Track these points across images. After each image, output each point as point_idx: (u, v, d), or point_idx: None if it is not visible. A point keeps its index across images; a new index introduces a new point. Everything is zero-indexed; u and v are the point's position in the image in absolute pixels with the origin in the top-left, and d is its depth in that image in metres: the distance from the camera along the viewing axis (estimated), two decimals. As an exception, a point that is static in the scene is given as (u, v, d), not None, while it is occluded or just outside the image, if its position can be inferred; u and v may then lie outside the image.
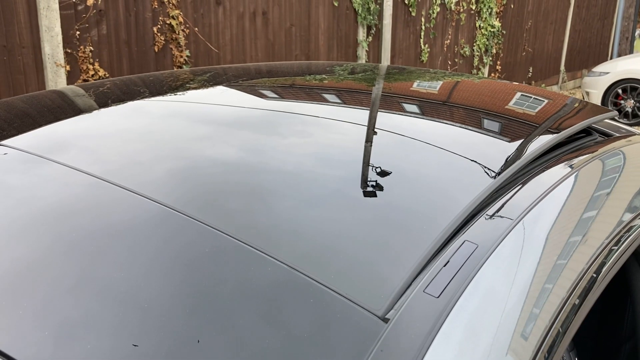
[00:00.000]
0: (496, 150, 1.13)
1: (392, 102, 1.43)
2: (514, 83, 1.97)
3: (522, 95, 1.68)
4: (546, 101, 1.64)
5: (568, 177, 1.03)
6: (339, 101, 1.41)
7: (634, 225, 0.99)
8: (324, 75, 1.70)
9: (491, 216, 0.83)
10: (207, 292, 0.65)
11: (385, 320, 0.62)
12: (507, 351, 0.64)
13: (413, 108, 1.37)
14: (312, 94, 1.48)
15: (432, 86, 1.64)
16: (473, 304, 0.66)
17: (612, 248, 0.90)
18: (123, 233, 0.75)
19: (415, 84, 1.67)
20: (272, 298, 0.64)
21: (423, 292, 0.66)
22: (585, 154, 1.18)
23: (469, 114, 1.41)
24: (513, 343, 0.65)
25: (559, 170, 1.05)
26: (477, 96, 1.62)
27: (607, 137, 1.47)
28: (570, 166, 1.10)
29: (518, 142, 1.20)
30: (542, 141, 1.14)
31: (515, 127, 1.35)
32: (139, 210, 0.79)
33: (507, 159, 1.09)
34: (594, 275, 0.81)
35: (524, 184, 0.96)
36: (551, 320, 0.70)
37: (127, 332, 0.60)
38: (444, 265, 0.70)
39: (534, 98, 1.66)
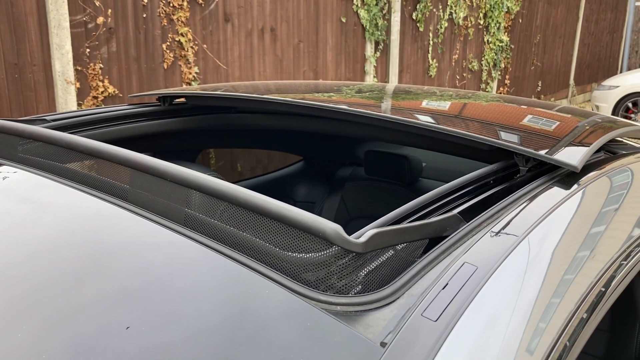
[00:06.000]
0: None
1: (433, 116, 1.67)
2: (534, 100, 2.16)
3: (538, 111, 1.76)
4: (564, 117, 1.68)
5: (571, 197, 1.02)
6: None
7: (640, 245, 0.98)
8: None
9: (492, 236, 0.82)
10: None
11: (383, 345, 0.61)
12: None
13: (440, 118, 1.59)
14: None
15: (457, 103, 1.88)
16: (472, 327, 0.65)
17: (617, 269, 0.88)
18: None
19: (444, 103, 1.88)
20: (269, 319, 0.64)
21: (421, 315, 0.65)
22: (590, 173, 1.18)
23: (485, 127, 1.44)
24: None
25: (561, 189, 1.05)
26: (489, 112, 1.68)
27: (614, 155, 1.46)
28: (575, 184, 1.09)
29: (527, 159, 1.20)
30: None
31: (525, 142, 1.35)
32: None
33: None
34: (598, 298, 0.79)
35: (524, 203, 0.96)
36: (553, 343, 0.69)
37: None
38: (443, 288, 0.69)
39: (551, 114, 1.70)
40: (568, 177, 1.11)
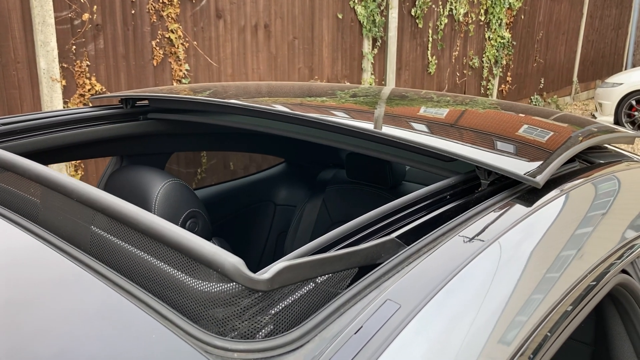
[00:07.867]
0: None
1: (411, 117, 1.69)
2: (527, 106, 2.15)
3: (519, 119, 1.71)
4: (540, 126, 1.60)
5: (529, 216, 0.93)
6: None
7: (605, 272, 0.89)
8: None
9: (428, 265, 0.74)
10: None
11: None
12: None
13: (410, 127, 1.50)
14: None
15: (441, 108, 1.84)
16: None
17: (576, 308, 0.79)
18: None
19: (422, 110, 1.83)
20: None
21: None
22: (555, 187, 1.09)
23: (453, 136, 1.37)
24: None
25: (520, 206, 0.96)
26: (464, 120, 1.62)
27: (590, 164, 1.37)
28: (536, 201, 1.00)
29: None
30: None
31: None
32: None
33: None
34: (545, 339, 0.70)
35: (474, 223, 0.87)
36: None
37: None
38: (355, 332, 0.61)
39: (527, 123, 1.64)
40: (530, 193, 1.02)
